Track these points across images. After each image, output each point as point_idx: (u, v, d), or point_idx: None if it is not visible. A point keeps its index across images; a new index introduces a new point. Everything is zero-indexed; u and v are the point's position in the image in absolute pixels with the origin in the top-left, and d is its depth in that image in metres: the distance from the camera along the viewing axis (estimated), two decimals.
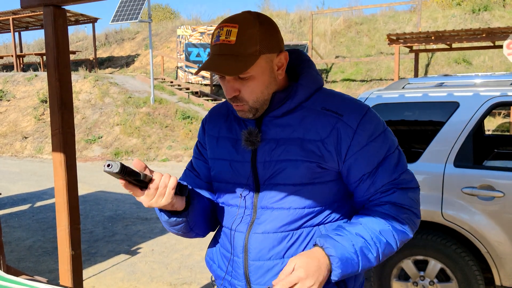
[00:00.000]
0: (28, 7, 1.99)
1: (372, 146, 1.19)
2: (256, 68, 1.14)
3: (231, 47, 1.12)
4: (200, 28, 17.02)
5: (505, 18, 15.44)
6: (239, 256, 1.24)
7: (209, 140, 1.35)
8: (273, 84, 1.19)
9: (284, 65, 1.20)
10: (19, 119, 13.95)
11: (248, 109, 1.19)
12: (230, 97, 1.17)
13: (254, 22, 1.13)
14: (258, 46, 1.12)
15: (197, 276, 4.09)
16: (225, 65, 1.11)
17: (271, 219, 1.20)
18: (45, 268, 4.28)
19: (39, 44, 23.80)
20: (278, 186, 1.20)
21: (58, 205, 2.01)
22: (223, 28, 1.13)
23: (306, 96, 1.22)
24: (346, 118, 1.18)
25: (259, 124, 1.23)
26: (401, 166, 1.22)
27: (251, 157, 1.23)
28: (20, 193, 7.63)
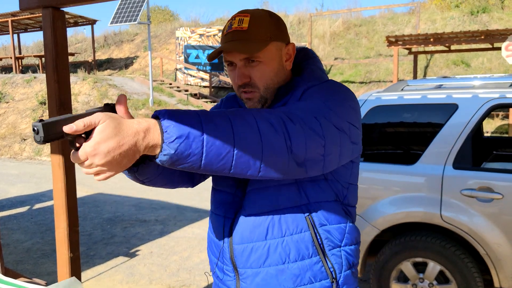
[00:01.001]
0: (27, 9, 1.99)
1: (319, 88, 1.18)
2: (267, 53, 1.19)
3: (244, 33, 1.17)
4: (199, 30, 17.03)
5: (504, 20, 15.48)
6: (225, 241, 1.26)
7: None
8: (282, 73, 1.23)
9: (292, 56, 1.24)
10: (18, 121, 13.94)
11: (259, 98, 1.21)
12: (241, 83, 1.19)
13: (265, 14, 1.21)
14: (269, 33, 1.19)
15: (196, 278, 4.09)
16: (239, 47, 1.16)
17: (255, 200, 1.20)
18: (43, 270, 4.27)
19: (38, 46, 23.80)
20: None
21: (57, 207, 2.01)
22: (236, 18, 1.19)
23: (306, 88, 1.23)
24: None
25: None
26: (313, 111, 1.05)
27: None
28: (18, 195, 7.62)
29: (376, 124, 3.30)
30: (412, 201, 2.97)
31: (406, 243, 2.99)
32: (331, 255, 1.22)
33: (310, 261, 1.20)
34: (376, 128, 3.30)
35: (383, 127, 3.33)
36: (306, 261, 1.20)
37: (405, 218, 2.98)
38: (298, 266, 1.19)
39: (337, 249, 1.23)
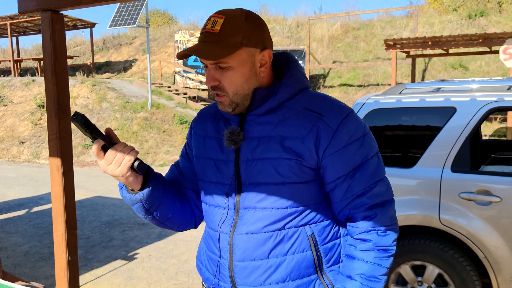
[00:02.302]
0: (26, 12, 1.99)
1: (350, 148, 1.20)
2: (236, 59, 1.17)
3: (215, 36, 1.15)
4: (198, 33, 17.04)
5: (501, 23, 15.53)
6: (224, 257, 1.25)
7: (195, 139, 1.36)
8: (254, 80, 1.21)
9: (267, 62, 1.22)
10: (16, 124, 13.92)
11: (229, 103, 1.21)
12: (209, 85, 1.20)
13: (240, 16, 1.17)
14: (240, 38, 1.15)
15: (195, 281, 4.08)
16: (206, 50, 1.15)
17: (254, 219, 1.21)
18: (41, 274, 4.26)
19: (37, 49, 23.79)
20: (260, 185, 1.21)
21: (55, 210, 2.01)
22: (211, 18, 1.18)
23: (289, 96, 1.23)
24: (327, 118, 1.20)
25: (242, 122, 1.25)
26: (378, 173, 1.23)
27: (235, 156, 1.24)
28: (16, 198, 7.60)
29: (374, 127, 3.31)
30: (411, 204, 2.97)
31: (405, 246, 2.99)
32: (329, 272, 1.26)
33: (309, 279, 1.24)
34: (374, 131, 3.30)
35: (381, 130, 3.34)
36: (305, 279, 1.23)
37: (403, 221, 2.98)
38: (297, 284, 1.23)
39: (336, 265, 1.28)
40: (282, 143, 1.19)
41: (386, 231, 1.22)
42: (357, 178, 1.20)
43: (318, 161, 1.20)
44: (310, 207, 1.23)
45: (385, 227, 1.22)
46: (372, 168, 1.22)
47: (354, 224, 1.23)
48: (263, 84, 1.24)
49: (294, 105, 1.23)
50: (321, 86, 15.79)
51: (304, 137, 1.18)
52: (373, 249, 1.21)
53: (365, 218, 1.21)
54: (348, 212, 1.23)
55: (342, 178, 1.21)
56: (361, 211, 1.21)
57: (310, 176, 1.22)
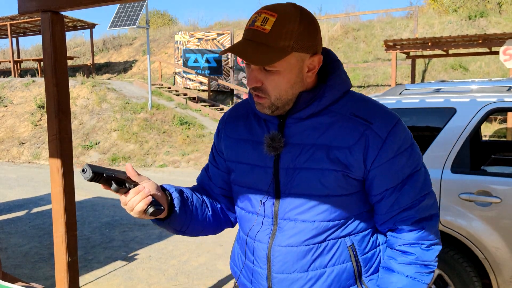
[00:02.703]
0: (26, 13, 2.00)
1: (399, 159, 1.13)
2: (284, 64, 1.08)
3: (264, 36, 1.05)
4: (198, 34, 17.06)
5: (501, 24, 15.54)
6: (262, 267, 1.21)
7: (227, 142, 1.29)
8: (299, 85, 1.13)
9: (316, 68, 1.13)
10: (16, 125, 13.93)
11: (268, 105, 1.13)
12: (251, 86, 1.12)
13: (294, 17, 1.06)
14: (292, 42, 1.06)
15: (194, 282, 4.08)
16: (252, 53, 1.06)
17: (295, 232, 1.16)
18: (41, 275, 4.26)
19: (37, 50, 23.80)
20: (302, 196, 1.14)
21: (55, 211, 2.01)
22: (261, 14, 1.07)
23: (334, 99, 1.16)
24: (375, 127, 1.12)
25: (282, 125, 1.17)
26: (426, 186, 1.18)
27: (274, 162, 1.17)
28: (16, 199, 7.60)
29: None
30: None
31: None
32: (368, 281, 1.22)
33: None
34: None
35: None
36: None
37: None
38: None
39: (375, 274, 1.23)
40: (328, 153, 1.12)
41: (431, 246, 1.17)
42: (406, 191, 1.14)
43: (366, 172, 1.14)
44: (351, 219, 1.18)
45: (430, 241, 1.17)
46: (421, 180, 1.16)
47: (397, 235, 1.18)
48: (308, 87, 1.15)
49: (339, 109, 1.15)
50: None
51: (352, 147, 1.11)
52: (415, 264, 1.16)
53: (411, 231, 1.16)
54: (393, 225, 1.18)
55: (390, 190, 1.14)
56: (407, 225, 1.15)
57: (355, 188, 1.16)
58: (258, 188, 1.20)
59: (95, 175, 1.04)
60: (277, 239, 1.17)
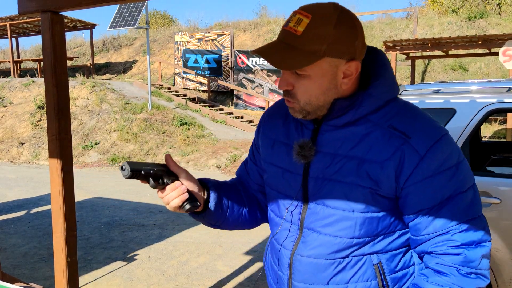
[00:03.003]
0: (26, 13, 2.00)
1: (438, 178, 1.02)
2: (316, 69, 1.02)
3: (295, 38, 1.00)
4: (198, 34, 17.06)
5: (501, 25, 15.55)
6: (284, 273, 1.19)
7: (264, 141, 1.26)
8: (333, 92, 1.06)
9: (353, 75, 1.05)
10: (16, 125, 13.92)
11: (299, 109, 1.08)
12: (281, 89, 1.08)
13: (330, 19, 0.99)
14: (324, 46, 0.99)
15: (194, 283, 4.08)
16: (281, 56, 1.01)
17: (317, 244, 1.11)
18: (40, 275, 4.25)
19: (37, 50, 23.81)
20: (327, 208, 1.09)
21: (54, 211, 2.01)
22: (296, 14, 1.01)
23: (373, 108, 1.07)
24: (414, 142, 1.02)
25: (316, 132, 1.12)
26: (472, 210, 1.05)
27: (304, 170, 1.12)
28: (16, 199, 7.60)
29: None
30: None
31: None
32: None
33: None
34: None
35: None
36: None
37: None
38: None
39: None
40: (359, 167, 1.05)
41: (470, 274, 1.03)
42: (444, 214, 1.03)
43: (398, 190, 1.05)
44: (379, 237, 1.09)
45: (470, 269, 1.03)
46: (464, 204, 1.03)
47: (432, 255, 1.07)
48: (344, 93, 1.08)
49: (379, 120, 1.07)
50: None
51: (385, 162, 1.03)
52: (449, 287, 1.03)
53: (448, 255, 1.04)
54: (428, 249, 1.07)
55: (426, 211, 1.04)
56: (443, 249, 1.04)
57: (384, 207, 1.07)
58: (286, 194, 1.17)
59: (133, 173, 1.05)
60: (299, 248, 1.14)
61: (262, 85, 15.60)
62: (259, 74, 15.65)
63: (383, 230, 1.09)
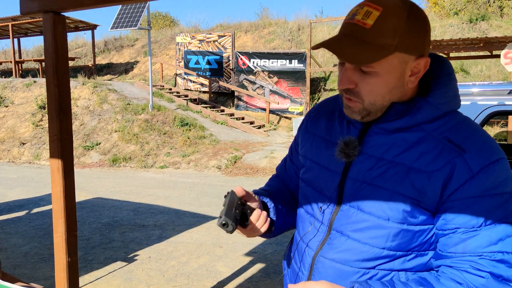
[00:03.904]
0: (28, 14, 2.00)
1: (487, 201, 0.93)
2: (385, 65, 0.96)
3: (364, 31, 0.94)
4: (199, 35, 17.08)
5: (502, 27, 15.55)
6: (304, 273, 1.15)
7: (305, 135, 1.22)
8: (398, 91, 1.00)
9: (421, 72, 0.99)
10: (17, 125, 13.94)
11: (359, 110, 1.01)
12: (344, 88, 1.00)
13: (401, 12, 0.94)
14: (396, 40, 0.93)
15: (194, 283, 4.07)
16: (349, 50, 0.94)
17: (344, 248, 1.05)
18: (41, 275, 4.26)
19: (38, 50, 23.85)
20: (361, 213, 1.03)
21: (55, 211, 2.01)
22: (364, 7, 0.95)
23: (429, 118, 1.01)
24: (468, 157, 0.95)
25: (364, 132, 1.06)
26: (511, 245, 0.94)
27: (343, 169, 1.07)
28: (17, 199, 7.61)
29: None
30: None
31: None
32: None
33: None
34: None
35: None
36: None
37: None
38: None
39: None
40: (404, 175, 0.98)
41: None
42: (481, 238, 0.93)
43: (439, 203, 0.97)
44: (412, 254, 1.01)
45: None
46: (506, 234, 0.93)
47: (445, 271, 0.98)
48: (406, 95, 1.02)
49: (433, 130, 1.00)
50: (322, 89, 15.80)
51: (433, 173, 0.96)
52: None
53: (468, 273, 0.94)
54: (449, 263, 0.98)
55: (462, 231, 0.95)
56: (466, 267, 0.95)
57: (422, 221, 0.99)
58: (321, 192, 1.12)
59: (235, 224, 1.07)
60: (324, 249, 1.09)
61: (263, 87, 15.60)
62: (260, 76, 15.66)
63: (417, 246, 1.01)
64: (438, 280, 0.96)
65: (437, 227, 0.99)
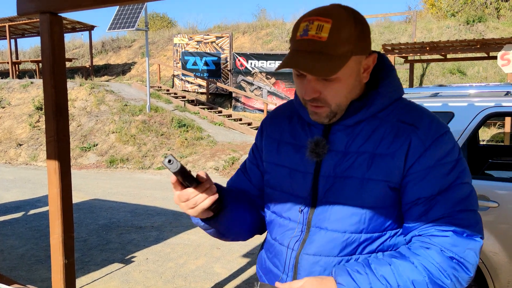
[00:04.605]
0: (25, 14, 1.99)
1: (439, 169, 1.05)
2: (345, 70, 1.03)
3: (322, 45, 0.99)
4: (197, 36, 17.08)
5: (499, 29, 15.60)
6: (288, 274, 1.17)
7: (268, 142, 1.25)
8: (357, 88, 1.10)
9: (370, 67, 1.09)
10: (14, 126, 13.90)
11: (327, 114, 1.08)
12: (309, 98, 1.06)
13: (349, 20, 1.01)
14: (351, 47, 1.01)
15: (191, 285, 4.07)
16: (314, 65, 0.99)
17: (325, 241, 1.10)
18: (37, 277, 4.24)
19: (35, 51, 23.79)
20: (337, 205, 1.09)
21: (52, 213, 2.00)
22: (314, 21, 1.00)
23: (383, 106, 1.11)
24: (421, 132, 1.06)
25: (327, 132, 1.13)
26: (467, 203, 1.05)
27: (315, 168, 1.13)
28: (13, 201, 7.58)
29: None
30: None
31: None
32: None
33: None
34: None
35: None
36: None
37: None
38: None
39: None
40: (371, 161, 1.07)
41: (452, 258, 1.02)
42: (440, 202, 1.04)
43: (402, 177, 1.07)
44: (387, 234, 1.10)
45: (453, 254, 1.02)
46: (460, 195, 1.05)
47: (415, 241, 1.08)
48: (361, 91, 1.12)
49: (386, 116, 1.11)
50: None
51: (395, 153, 1.06)
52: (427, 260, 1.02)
53: (435, 236, 1.04)
54: (418, 232, 1.07)
55: (423, 199, 1.05)
56: (431, 231, 1.05)
57: (393, 200, 1.08)
58: (294, 194, 1.16)
59: (182, 168, 0.97)
60: (306, 247, 1.13)
61: (261, 88, 15.61)
62: (257, 77, 15.66)
63: (389, 225, 1.10)
64: (409, 249, 1.05)
65: (402, 201, 1.09)
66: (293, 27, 1.06)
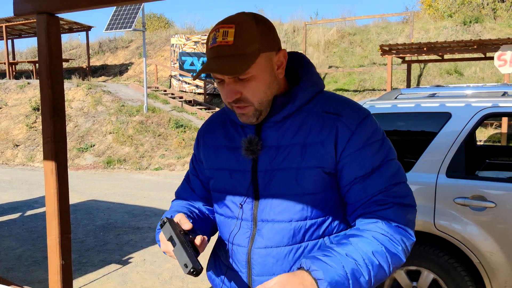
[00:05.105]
0: (22, 15, 1.98)
1: (368, 150, 1.14)
2: (257, 67, 1.10)
3: (230, 48, 1.08)
4: (194, 37, 17.07)
5: (496, 30, 15.65)
6: (243, 271, 1.21)
7: (206, 150, 1.31)
8: (275, 84, 1.16)
9: (283, 63, 1.16)
10: (11, 127, 13.86)
11: (253, 112, 1.15)
12: (231, 100, 1.13)
13: (250, 21, 1.10)
14: (257, 44, 1.09)
15: (189, 286, 4.06)
16: (225, 66, 1.08)
17: (273, 233, 1.16)
18: (34, 278, 4.23)
19: (32, 52, 23.73)
20: (279, 197, 1.15)
21: (49, 214, 1.99)
22: (219, 29, 1.10)
23: (306, 100, 1.19)
24: (345, 119, 1.15)
25: (259, 130, 1.20)
26: (398, 176, 1.16)
27: (252, 165, 1.19)
28: (10, 202, 7.56)
29: None
30: None
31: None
32: None
33: None
34: None
35: None
36: None
37: None
38: None
39: None
40: (303, 151, 1.15)
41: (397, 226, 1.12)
42: (374, 178, 1.13)
43: (336, 163, 1.15)
44: (329, 218, 1.17)
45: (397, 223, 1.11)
46: (391, 170, 1.15)
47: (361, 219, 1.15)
48: (281, 87, 1.19)
49: (312, 109, 1.19)
50: None
51: (324, 140, 1.14)
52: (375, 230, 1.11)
53: (377, 211, 1.13)
54: (360, 212, 1.15)
55: (359, 179, 1.14)
56: (372, 208, 1.13)
57: (330, 184, 1.16)
58: (236, 192, 1.21)
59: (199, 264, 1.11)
60: (256, 241, 1.18)
61: None
62: None
63: (331, 210, 1.18)
64: (359, 228, 1.13)
65: (341, 184, 1.17)
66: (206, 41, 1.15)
